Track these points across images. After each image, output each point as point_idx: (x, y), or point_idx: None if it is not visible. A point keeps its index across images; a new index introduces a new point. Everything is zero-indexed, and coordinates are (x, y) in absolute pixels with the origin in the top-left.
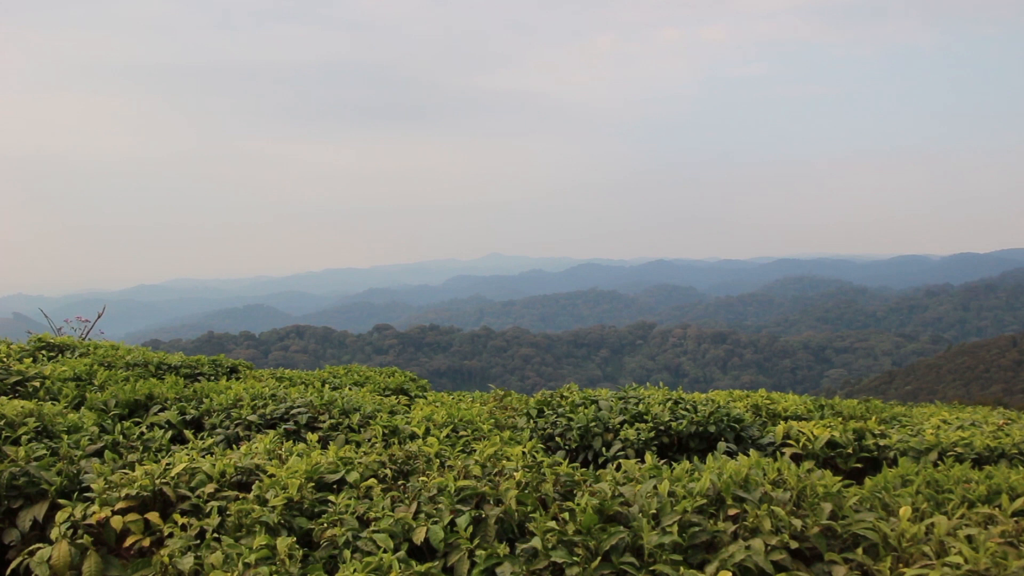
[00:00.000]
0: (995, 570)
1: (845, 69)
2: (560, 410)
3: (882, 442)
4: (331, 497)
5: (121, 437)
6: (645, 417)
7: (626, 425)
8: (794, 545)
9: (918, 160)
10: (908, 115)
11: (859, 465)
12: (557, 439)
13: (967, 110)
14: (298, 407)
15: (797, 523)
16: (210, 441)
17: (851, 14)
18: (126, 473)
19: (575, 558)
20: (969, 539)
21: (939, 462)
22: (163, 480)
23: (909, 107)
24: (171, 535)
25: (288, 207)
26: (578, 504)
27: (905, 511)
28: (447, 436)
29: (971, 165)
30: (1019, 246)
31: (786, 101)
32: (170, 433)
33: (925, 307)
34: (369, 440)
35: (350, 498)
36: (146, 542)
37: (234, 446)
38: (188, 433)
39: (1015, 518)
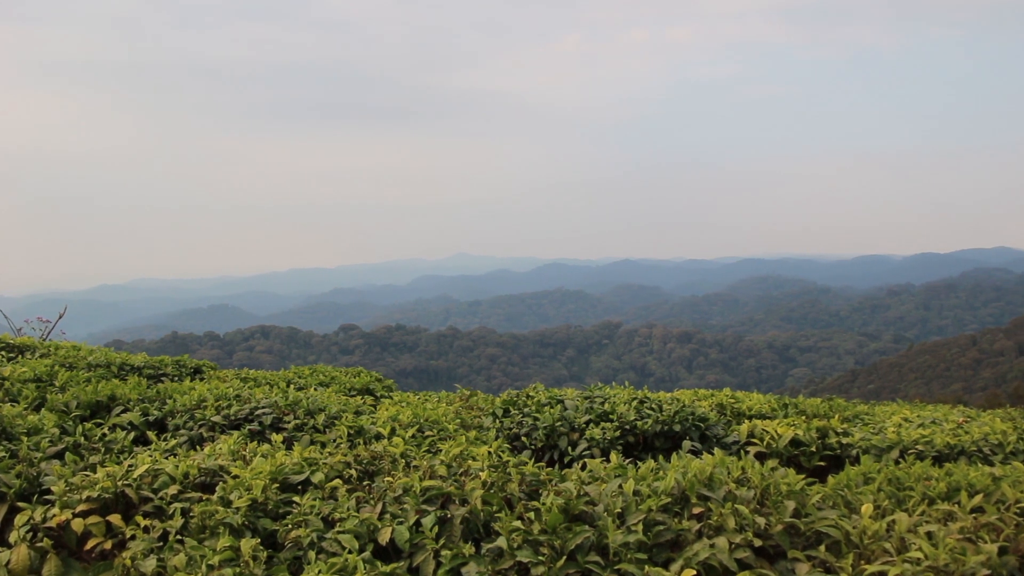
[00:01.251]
0: (954, 566)
1: (810, 71)
2: (526, 410)
3: (845, 440)
4: (296, 498)
5: (82, 439)
6: (611, 416)
7: (592, 424)
8: (758, 543)
9: (881, 161)
10: (871, 117)
11: (822, 463)
12: (523, 439)
13: (929, 112)
14: (263, 408)
15: (761, 521)
16: (173, 442)
17: (817, 16)
18: (87, 475)
19: (540, 557)
20: (929, 535)
21: (900, 460)
22: (125, 482)
23: (872, 109)
24: (133, 537)
25: (253, 206)
26: (543, 504)
27: (867, 508)
28: (413, 436)
29: (932, 167)
30: (979, 246)
31: (752, 102)
32: (133, 434)
33: (887, 306)
34: (334, 441)
35: (315, 499)
36: (108, 545)
37: (198, 447)
38: (151, 434)
39: (974, 514)
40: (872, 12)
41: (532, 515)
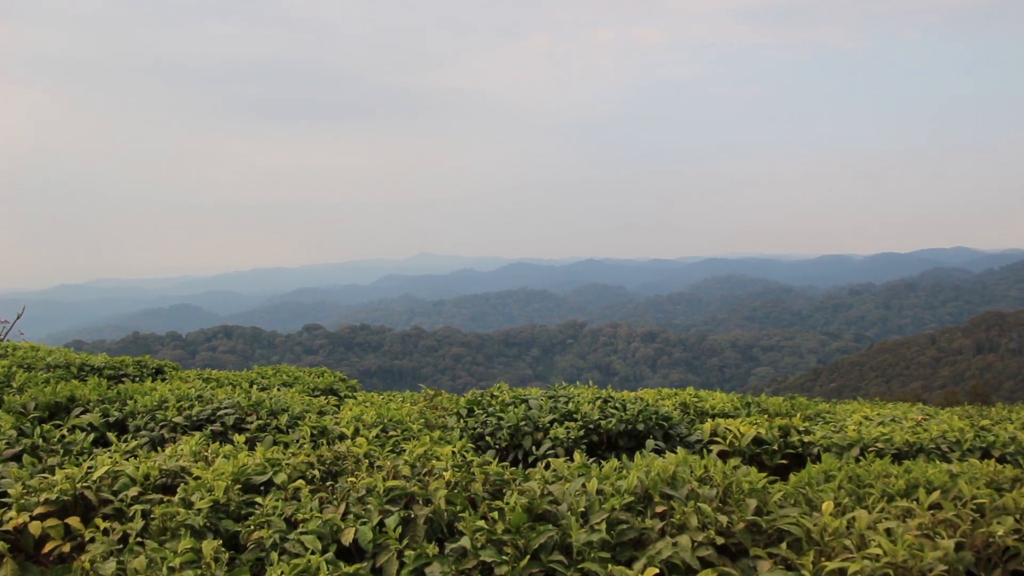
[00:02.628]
0: (912, 562)
1: (776, 72)
2: (490, 409)
3: (806, 438)
4: (258, 499)
5: (40, 440)
6: (575, 416)
7: (556, 424)
8: (720, 541)
9: (844, 162)
10: (835, 119)
11: (784, 461)
12: (487, 438)
13: (890, 114)
14: (225, 408)
15: (723, 519)
16: (134, 444)
17: (783, 18)
18: (45, 477)
19: (504, 557)
20: (888, 532)
21: (861, 457)
22: (84, 484)
23: (836, 111)
24: (92, 540)
25: (216, 205)
26: (507, 503)
27: (827, 506)
28: (376, 436)
29: (893, 168)
30: (938, 247)
31: (718, 103)
32: (92, 436)
33: (849, 306)
34: (297, 441)
35: (278, 500)
36: (66, 548)
37: (159, 448)
38: (111, 436)
39: (931, 511)
40: (838, 14)
41: (496, 515)
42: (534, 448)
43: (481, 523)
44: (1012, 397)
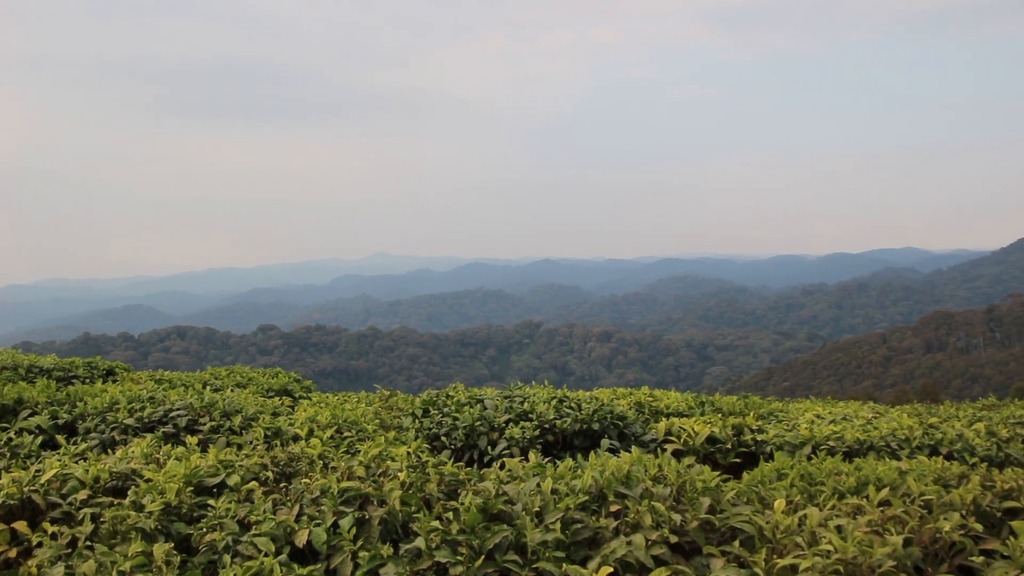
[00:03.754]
0: (861, 558)
1: (731, 73)
2: (446, 410)
3: (759, 437)
4: (211, 501)
5: None
6: (530, 416)
7: (511, 424)
8: (674, 539)
9: (797, 163)
10: (789, 119)
11: (738, 460)
12: (443, 439)
13: (842, 115)
14: (177, 410)
15: (677, 518)
16: (84, 446)
17: (739, 20)
18: None
19: (459, 557)
20: (839, 529)
21: (813, 455)
22: (32, 487)
23: (790, 111)
24: (40, 544)
25: (169, 204)
26: (462, 503)
27: (779, 504)
28: (331, 437)
29: (844, 168)
30: (888, 247)
31: (673, 103)
32: (40, 439)
33: (802, 305)
34: (251, 442)
35: (231, 502)
36: (12, 553)
37: (109, 451)
38: (60, 438)
39: (881, 508)
40: (792, 17)
41: (451, 515)
42: (490, 448)
43: (436, 523)
44: (960, 395)
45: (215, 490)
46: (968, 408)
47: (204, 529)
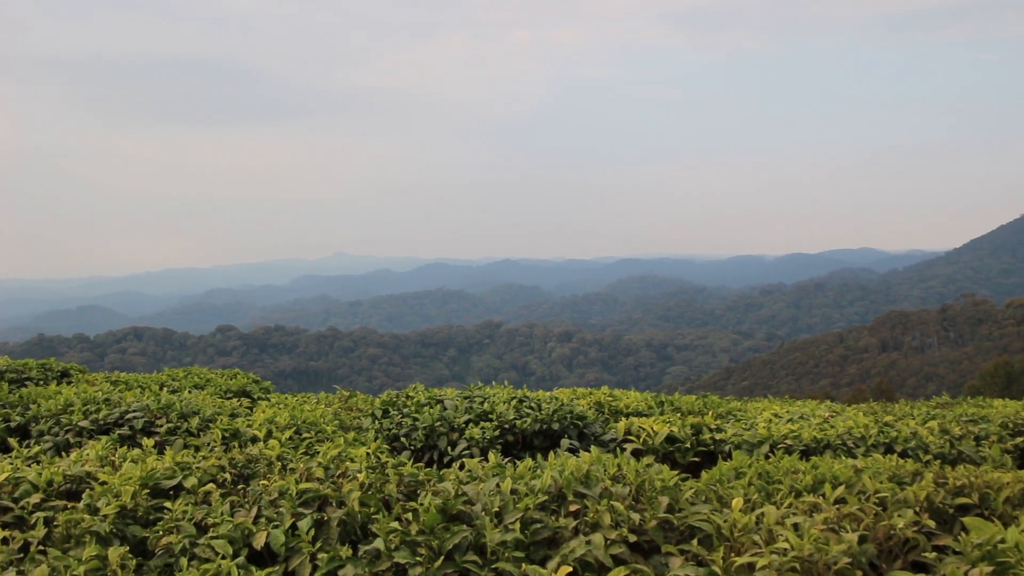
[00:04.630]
0: (817, 555)
1: (692, 74)
2: (406, 410)
3: (718, 436)
4: (168, 504)
5: None
6: (490, 416)
7: (471, 424)
8: (633, 539)
9: (756, 163)
10: (746, 119)
11: (697, 459)
12: (402, 439)
13: (801, 115)
14: (134, 411)
15: (636, 517)
16: (37, 449)
17: (699, 21)
18: None
19: (418, 558)
20: (795, 527)
21: (771, 454)
22: None
23: (748, 111)
24: None
25: (126, 204)
26: (421, 504)
27: (737, 502)
28: (290, 438)
29: (803, 169)
30: (845, 247)
31: (634, 104)
32: None
33: (760, 305)
34: (208, 444)
35: (187, 504)
36: None
37: (63, 453)
38: (12, 441)
39: (837, 505)
40: (753, 18)
41: (410, 516)
42: (450, 449)
43: (395, 524)
44: (914, 393)
45: (172, 492)
46: (922, 406)
47: (160, 532)
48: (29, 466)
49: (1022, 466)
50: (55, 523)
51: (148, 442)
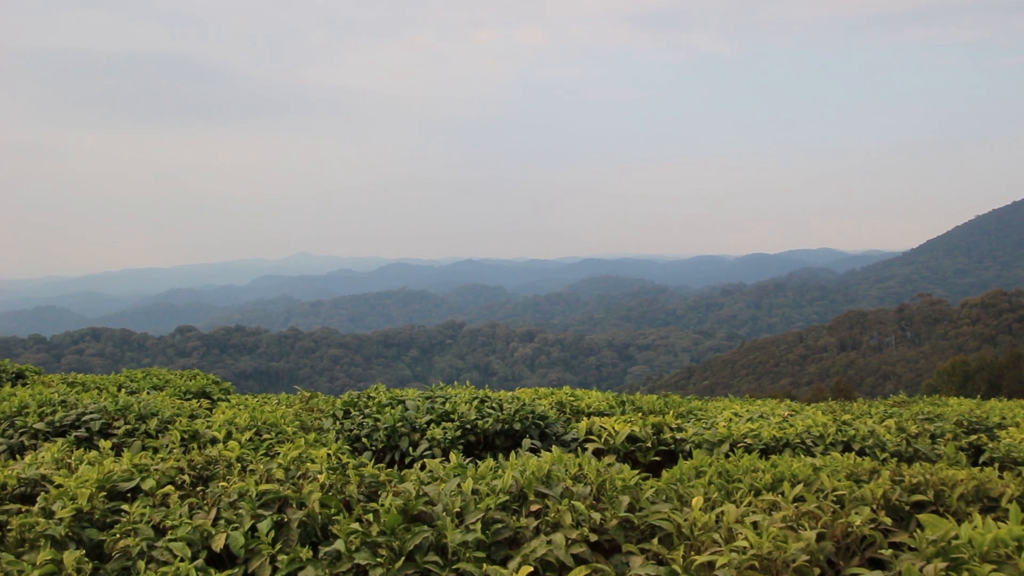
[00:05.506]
0: (776, 553)
1: (654, 75)
2: (367, 411)
3: (679, 435)
4: (125, 506)
5: None
6: (452, 416)
7: (433, 424)
8: (594, 538)
9: (717, 163)
10: (707, 119)
11: (658, 458)
12: (364, 440)
13: (760, 117)
14: (91, 413)
15: (597, 516)
16: None
17: (661, 22)
18: None
19: (379, 559)
20: (755, 525)
21: (731, 453)
22: None
23: (708, 111)
24: None
25: (84, 203)
26: (382, 505)
27: (697, 501)
28: (250, 440)
29: (763, 169)
30: (804, 247)
31: (595, 104)
32: None
33: (721, 305)
34: (167, 446)
35: (145, 506)
36: None
37: (18, 456)
38: None
39: (795, 503)
40: (714, 20)
41: (371, 517)
42: (411, 449)
43: (356, 526)
44: (872, 392)
45: (129, 495)
46: (880, 405)
47: (117, 535)
48: None
49: (976, 463)
50: (8, 527)
51: (105, 444)
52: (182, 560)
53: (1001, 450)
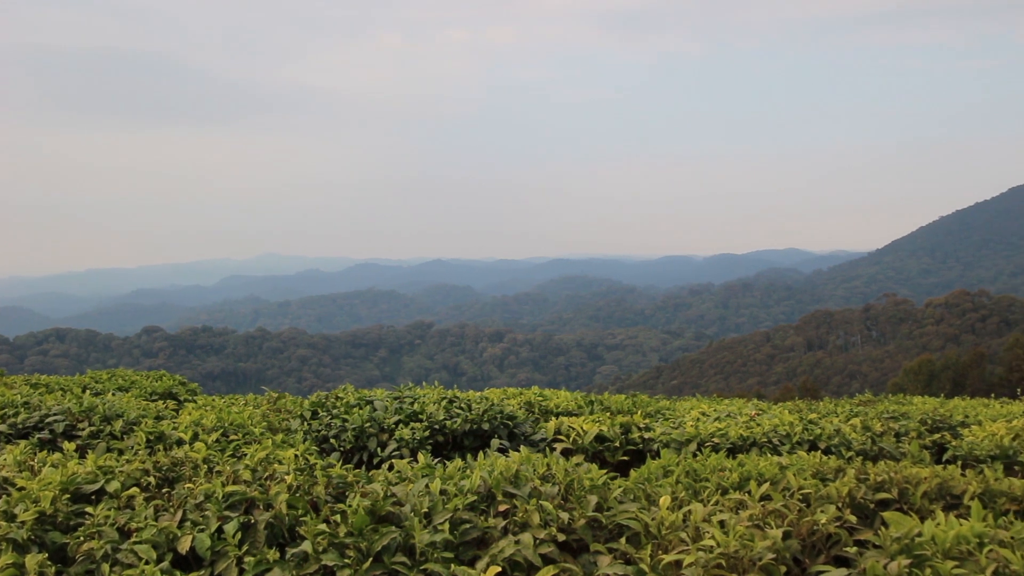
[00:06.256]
0: (743, 551)
1: (624, 75)
2: (335, 411)
3: (647, 435)
4: (89, 509)
5: None
6: (420, 416)
7: (401, 425)
8: (562, 538)
9: (685, 164)
10: (675, 120)
11: (626, 458)
12: (332, 441)
13: (726, 116)
14: (54, 415)
15: (565, 516)
16: None
17: (629, 23)
18: None
19: (346, 560)
20: (722, 524)
21: (698, 452)
22: None
23: (677, 112)
24: None
25: (47, 203)
26: (350, 506)
27: (665, 500)
28: (217, 441)
29: (730, 170)
30: (772, 247)
31: (564, 105)
32: None
33: (689, 305)
34: (133, 447)
35: (110, 509)
36: None
37: None
38: None
39: (762, 502)
40: (683, 21)
41: (338, 518)
42: (379, 450)
43: (323, 527)
44: (839, 391)
45: (94, 497)
46: (846, 404)
47: (81, 538)
48: None
49: (939, 461)
50: None
51: (69, 446)
52: (147, 563)
53: (964, 448)
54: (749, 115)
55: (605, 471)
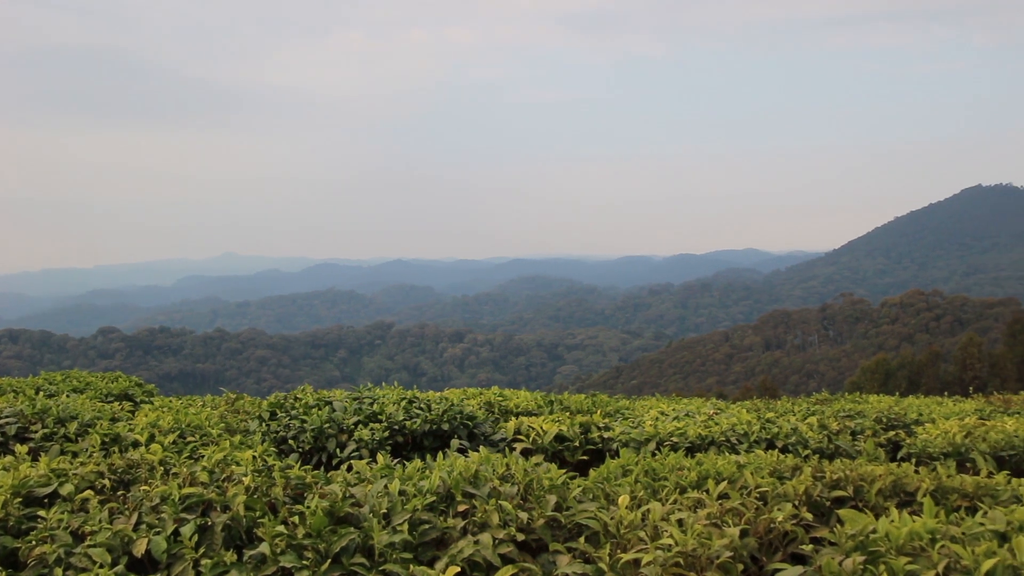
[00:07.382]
0: (701, 550)
1: (585, 76)
2: (293, 412)
3: (606, 435)
4: (42, 512)
5: None
6: (380, 417)
7: (361, 426)
8: (521, 537)
9: (645, 165)
10: (637, 121)
11: (585, 457)
12: (291, 442)
13: (689, 117)
14: (6, 417)
15: (524, 516)
16: None
17: (591, 24)
18: None
19: (304, 562)
20: (680, 523)
21: (657, 451)
22: None
23: (637, 114)
24: None
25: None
26: (308, 507)
27: (623, 499)
28: (173, 442)
29: (690, 170)
30: (730, 248)
31: (525, 105)
32: None
33: (648, 305)
34: (87, 450)
35: (63, 512)
36: None
37: None
38: None
39: (720, 500)
40: (645, 22)
41: (297, 519)
42: (339, 450)
43: (281, 528)
44: (796, 390)
45: (46, 500)
46: (803, 403)
47: (33, 542)
48: None
49: (894, 459)
50: None
51: (22, 449)
52: (102, 566)
53: (918, 446)
54: (710, 117)
55: (564, 471)
